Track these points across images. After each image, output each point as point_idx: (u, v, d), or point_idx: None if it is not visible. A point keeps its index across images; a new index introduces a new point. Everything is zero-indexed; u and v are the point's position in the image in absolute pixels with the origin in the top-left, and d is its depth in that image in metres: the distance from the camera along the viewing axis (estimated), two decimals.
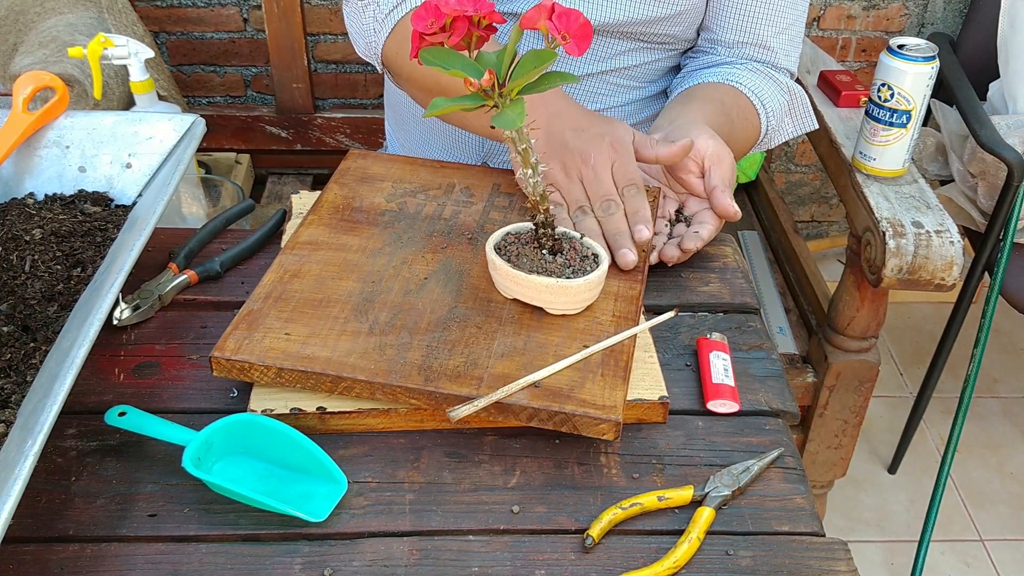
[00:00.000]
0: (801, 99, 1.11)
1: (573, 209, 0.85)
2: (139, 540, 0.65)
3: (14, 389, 0.70)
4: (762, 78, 1.06)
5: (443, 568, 0.63)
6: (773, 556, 0.65)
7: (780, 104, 1.07)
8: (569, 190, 0.86)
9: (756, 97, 1.04)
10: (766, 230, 1.73)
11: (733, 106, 1.01)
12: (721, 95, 1.02)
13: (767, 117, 1.05)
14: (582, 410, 0.68)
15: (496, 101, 0.68)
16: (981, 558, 1.69)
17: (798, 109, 1.12)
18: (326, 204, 0.88)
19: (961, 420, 1.50)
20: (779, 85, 1.07)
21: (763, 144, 1.09)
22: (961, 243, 1.20)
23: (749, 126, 1.04)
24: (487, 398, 0.68)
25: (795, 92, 1.10)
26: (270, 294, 0.76)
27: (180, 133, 0.91)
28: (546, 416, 0.68)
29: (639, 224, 0.82)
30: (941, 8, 1.89)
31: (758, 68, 1.07)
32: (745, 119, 1.03)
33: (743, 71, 1.06)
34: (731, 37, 1.07)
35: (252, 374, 0.71)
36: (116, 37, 1.21)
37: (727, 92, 1.03)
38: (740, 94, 1.03)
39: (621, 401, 0.69)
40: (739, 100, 1.03)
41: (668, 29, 1.06)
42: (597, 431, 0.68)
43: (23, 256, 0.82)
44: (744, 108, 1.03)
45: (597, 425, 0.68)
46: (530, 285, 0.75)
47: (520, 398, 0.68)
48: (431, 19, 0.67)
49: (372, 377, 0.70)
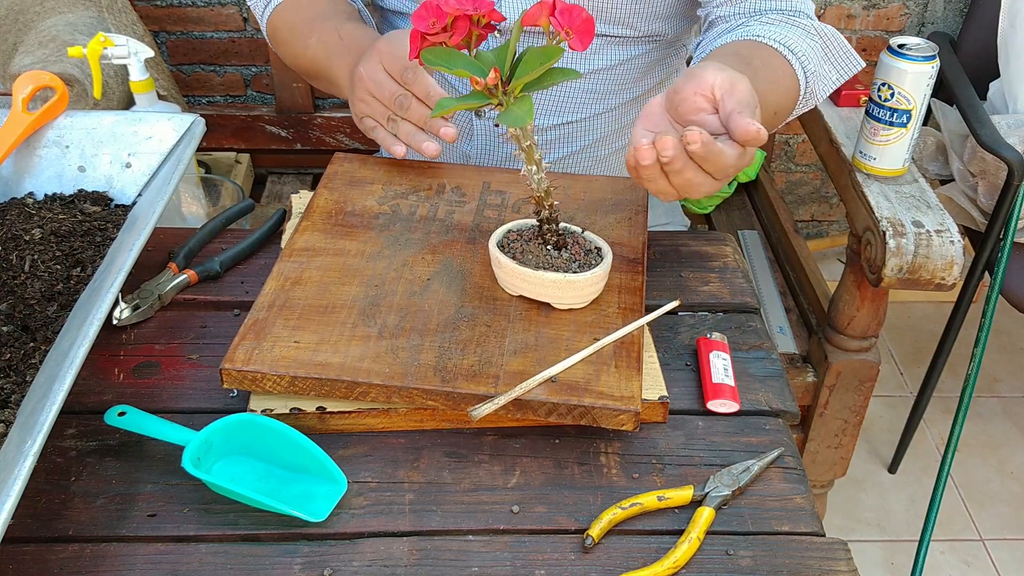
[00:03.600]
0: (836, 40, 0.99)
1: (386, 123, 0.88)
2: (139, 540, 0.65)
3: (14, 389, 0.70)
4: (781, 27, 0.95)
5: (443, 568, 0.63)
6: (773, 556, 0.65)
7: (811, 47, 0.94)
8: (373, 110, 0.88)
9: (780, 44, 0.92)
10: (766, 230, 1.73)
11: (753, 56, 0.90)
12: (736, 48, 0.92)
13: (800, 62, 0.92)
14: (601, 402, 0.68)
15: (500, 99, 0.68)
16: (981, 557, 1.69)
17: (836, 51, 0.99)
18: (318, 209, 0.88)
19: (961, 420, 1.50)
20: (804, 29, 0.95)
21: (809, 98, 0.96)
22: (961, 243, 1.20)
23: (780, 75, 0.91)
24: (506, 395, 0.68)
25: (826, 33, 0.98)
26: (273, 303, 0.76)
27: (180, 133, 0.91)
28: (565, 410, 0.69)
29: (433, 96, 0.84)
30: (941, 7, 1.89)
31: (773, 19, 0.96)
32: (773, 68, 0.90)
33: (757, 25, 0.95)
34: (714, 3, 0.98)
35: (264, 384, 0.70)
36: (116, 36, 1.21)
37: (743, 45, 0.92)
38: (760, 45, 0.92)
39: (638, 392, 0.69)
40: (759, 50, 0.91)
41: (636, 20, 1.02)
42: (616, 422, 0.68)
43: (23, 256, 0.82)
44: (768, 56, 0.91)
45: (616, 416, 0.68)
46: (537, 281, 0.75)
47: (538, 394, 0.68)
48: (433, 19, 0.67)
49: (388, 381, 0.70)
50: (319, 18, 1.01)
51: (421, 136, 0.87)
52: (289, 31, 1.04)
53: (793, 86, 0.92)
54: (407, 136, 0.87)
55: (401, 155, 0.89)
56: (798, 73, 0.92)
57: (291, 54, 1.05)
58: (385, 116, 0.88)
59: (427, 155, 0.86)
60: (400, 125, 0.87)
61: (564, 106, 1.09)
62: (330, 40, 0.97)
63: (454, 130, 0.85)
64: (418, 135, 0.87)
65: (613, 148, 1.15)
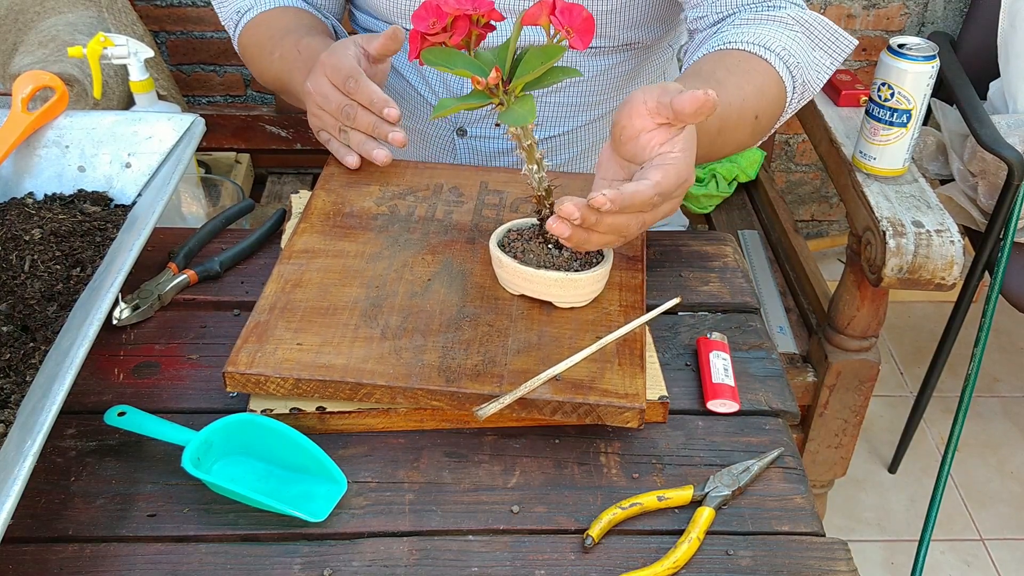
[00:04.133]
0: (820, 24, 0.94)
1: (337, 135, 0.90)
2: (138, 540, 0.65)
3: (13, 389, 0.70)
4: (753, 26, 0.91)
5: (443, 568, 0.63)
6: (773, 556, 0.65)
7: (790, 39, 0.90)
8: (324, 122, 0.90)
9: (753, 45, 0.88)
10: (766, 229, 1.73)
11: (716, 68, 0.87)
12: (697, 68, 0.88)
13: (779, 57, 0.89)
14: (606, 400, 0.68)
15: (501, 98, 0.67)
16: (981, 557, 1.69)
17: (822, 35, 0.94)
18: (316, 211, 0.87)
19: (961, 419, 1.50)
20: (780, 22, 0.92)
21: (802, 89, 0.93)
22: (961, 242, 1.20)
23: (754, 77, 0.87)
24: (511, 394, 0.68)
25: (808, 20, 0.93)
26: (274, 305, 0.76)
27: (180, 133, 0.91)
28: (570, 408, 0.69)
29: (385, 108, 0.85)
30: (941, 7, 1.89)
31: (747, 19, 0.92)
32: (743, 72, 0.87)
33: (729, 30, 0.91)
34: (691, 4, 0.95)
35: (268, 387, 0.70)
36: (116, 36, 1.21)
37: (705, 61, 0.89)
38: (726, 53, 0.89)
39: (642, 388, 0.69)
40: (725, 59, 0.88)
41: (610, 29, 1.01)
42: (621, 420, 0.68)
43: (22, 256, 0.82)
44: (736, 62, 0.87)
45: (622, 414, 0.68)
46: (539, 280, 0.75)
47: (543, 392, 0.69)
48: (433, 19, 0.67)
49: (392, 382, 0.70)
50: (282, 33, 1.02)
51: (371, 144, 0.89)
52: (257, 47, 1.05)
53: (773, 83, 0.89)
54: (358, 145, 0.89)
55: (354, 165, 0.91)
56: (778, 69, 0.88)
57: (259, 70, 1.07)
58: (336, 128, 0.89)
59: (378, 162, 0.88)
60: (351, 135, 0.89)
61: (545, 121, 1.08)
62: (289, 55, 0.98)
63: (402, 135, 0.86)
64: (368, 143, 0.89)
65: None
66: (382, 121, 0.87)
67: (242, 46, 1.09)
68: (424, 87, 1.10)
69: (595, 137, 1.12)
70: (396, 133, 0.86)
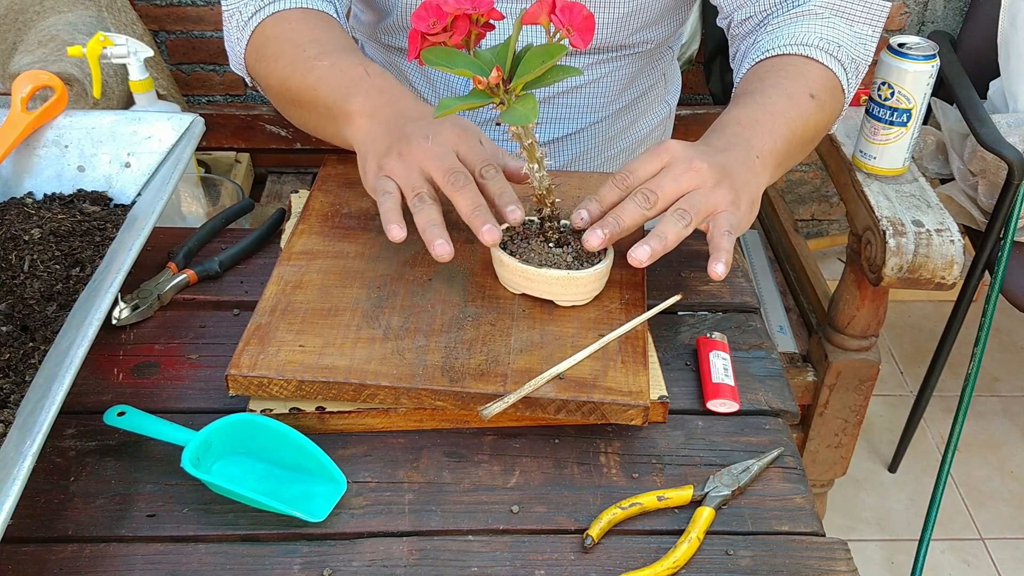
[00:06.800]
0: (850, 1, 0.94)
1: (410, 197, 0.75)
2: (138, 540, 0.65)
3: (13, 389, 0.70)
4: (787, 27, 0.92)
5: (443, 568, 0.63)
6: (773, 556, 0.65)
7: (826, 27, 0.91)
8: (406, 176, 0.76)
9: (791, 46, 0.89)
10: (766, 229, 1.73)
11: (753, 89, 0.88)
12: (744, 87, 0.89)
13: (822, 48, 0.89)
14: (610, 398, 0.68)
15: (502, 98, 0.67)
16: (981, 557, 1.69)
17: (854, 11, 0.94)
18: (314, 212, 0.87)
19: (961, 419, 1.50)
20: (813, 15, 0.93)
21: (855, 65, 0.93)
22: (961, 242, 1.20)
23: (800, 78, 0.88)
24: (516, 393, 0.68)
25: (836, 2, 0.94)
26: (275, 307, 0.76)
27: (179, 132, 0.91)
28: (574, 407, 0.69)
29: (509, 205, 0.74)
30: (941, 7, 1.89)
31: (779, 21, 0.94)
32: (786, 76, 0.88)
33: (765, 39, 0.93)
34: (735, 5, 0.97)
35: (271, 389, 0.70)
36: (115, 36, 1.21)
37: (743, 85, 0.90)
38: (761, 64, 0.90)
39: (646, 386, 0.69)
40: (759, 72, 0.90)
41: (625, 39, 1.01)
42: (625, 417, 0.69)
43: (22, 256, 0.82)
44: (772, 70, 0.89)
45: (626, 411, 0.68)
46: (540, 279, 0.75)
47: (547, 391, 0.69)
48: (433, 19, 0.67)
49: (396, 382, 0.69)
50: (335, 48, 0.89)
51: (437, 233, 0.73)
52: (291, 45, 0.90)
53: (819, 76, 0.89)
54: (425, 223, 0.74)
55: (397, 238, 0.74)
56: (822, 59, 0.89)
57: (281, 72, 0.90)
58: (414, 192, 0.75)
59: (434, 254, 0.73)
60: (425, 209, 0.74)
61: (547, 125, 1.08)
62: (353, 73, 0.85)
63: (499, 233, 0.73)
64: (436, 229, 0.74)
65: (600, 160, 1.15)
66: (483, 210, 0.73)
67: (264, 36, 0.93)
68: (427, 88, 1.10)
69: (596, 138, 1.12)
70: (495, 230, 0.73)
